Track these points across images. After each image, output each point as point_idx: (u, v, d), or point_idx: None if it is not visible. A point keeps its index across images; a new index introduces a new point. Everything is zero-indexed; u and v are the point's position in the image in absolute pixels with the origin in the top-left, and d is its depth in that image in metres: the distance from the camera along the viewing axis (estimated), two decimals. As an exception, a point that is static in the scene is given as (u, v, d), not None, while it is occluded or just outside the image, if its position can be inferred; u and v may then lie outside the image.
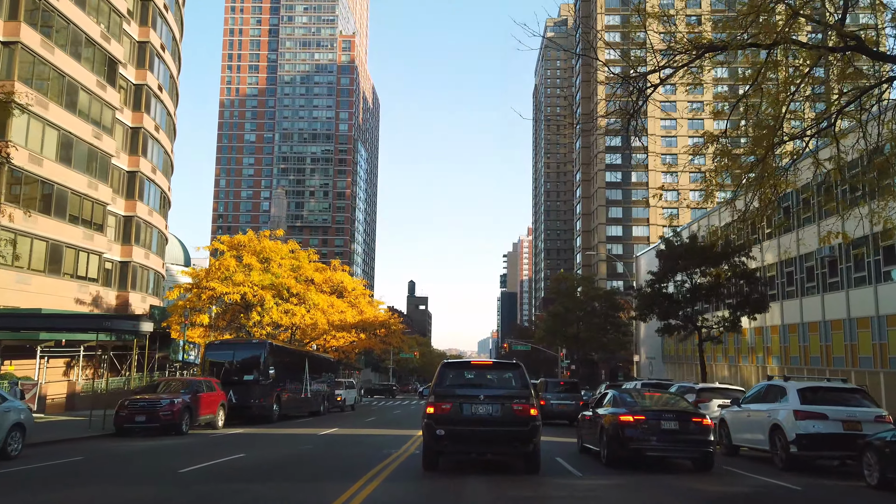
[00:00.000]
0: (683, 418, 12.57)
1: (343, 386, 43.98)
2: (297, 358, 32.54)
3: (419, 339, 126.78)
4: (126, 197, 41.54)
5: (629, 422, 12.49)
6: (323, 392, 37.06)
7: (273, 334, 36.66)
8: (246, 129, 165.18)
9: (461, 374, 12.09)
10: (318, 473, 12.14)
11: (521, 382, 11.60)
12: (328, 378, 39.09)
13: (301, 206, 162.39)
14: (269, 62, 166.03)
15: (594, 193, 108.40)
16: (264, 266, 34.57)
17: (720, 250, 26.91)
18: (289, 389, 30.68)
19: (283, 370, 30.28)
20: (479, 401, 11.02)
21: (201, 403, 22.42)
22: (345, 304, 41.54)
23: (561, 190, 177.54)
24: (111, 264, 40.23)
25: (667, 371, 57.58)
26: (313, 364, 35.72)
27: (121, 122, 40.69)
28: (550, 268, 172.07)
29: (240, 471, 12.41)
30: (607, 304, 56.24)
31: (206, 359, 27.74)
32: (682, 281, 28.29)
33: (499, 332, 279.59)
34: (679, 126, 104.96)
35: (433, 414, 11.07)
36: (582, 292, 56.64)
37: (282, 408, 29.23)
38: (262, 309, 33.83)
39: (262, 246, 34.74)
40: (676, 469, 13.13)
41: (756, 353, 39.76)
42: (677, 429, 12.43)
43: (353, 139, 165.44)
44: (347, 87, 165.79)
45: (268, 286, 33.87)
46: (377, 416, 35.74)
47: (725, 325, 27.78)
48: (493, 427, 10.93)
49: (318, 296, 36.32)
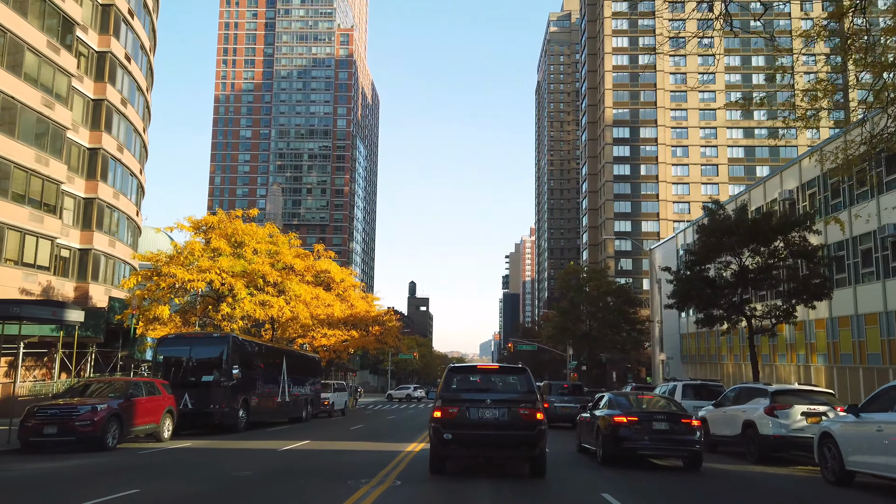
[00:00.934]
0: (674, 419, 13.28)
1: (331, 389, 39.51)
2: (271, 356, 28.04)
3: (419, 340, 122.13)
4: (87, 177, 37.05)
5: (623, 423, 13.25)
6: (306, 395, 32.58)
7: (247, 329, 32.14)
8: (242, 125, 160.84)
9: (467, 379, 12.07)
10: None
11: (527, 387, 11.60)
12: (313, 380, 34.64)
13: (298, 203, 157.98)
14: (265, 56, 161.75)
15: (601, 187, 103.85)
16: (236, 251, 30.06)
17: (776, 224, 22.09)
18: (261, 393, 26.18)
19: (253, 370, 25.78)
20: (485, 405, 11.08)
21: (137, 410, 17.91)
22: (332, 296, 36.98)
23: (564, 188, 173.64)
24: (68, 252, 35.75)
25: (686, 371, 52.98)
26: (293, 364, 31.23)
27: (80, 92, 36.25)
28: (554, 267, 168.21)
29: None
30: (621, 298, 51.63)
31: (158, 356, 23.24)
32: (726, 262, 23.58)
33: (501, 334, 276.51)
34: (690, 116, 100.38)
35: (440, 418, 11.06)
36: (593, 286, 52.01)
37: (251, 414, 24.72)
38: (234, 300, 29.30)
39: (234, 228, 30.21)
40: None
41: (796, 350, 35.15)
42: (668, 429, 13.17)
43: (352, 135, 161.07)
44: (346, 82, 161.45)
45: (239, 273, 29.34)
46: (367, 422, 31.23)
47: (778, 315, 23.14)
48: (499, 431, 11.01)
49: (299, 286, 31.76)
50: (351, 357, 59.94)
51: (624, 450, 13.20)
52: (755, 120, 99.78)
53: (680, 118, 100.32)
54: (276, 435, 22.27)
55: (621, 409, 13.95)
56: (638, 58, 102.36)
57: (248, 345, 25.65)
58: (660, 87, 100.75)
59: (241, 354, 24.12)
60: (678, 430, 13.12)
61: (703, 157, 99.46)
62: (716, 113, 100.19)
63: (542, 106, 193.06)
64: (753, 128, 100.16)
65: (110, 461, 14.35)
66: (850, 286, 29.55)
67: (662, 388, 22.75)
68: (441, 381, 12.01)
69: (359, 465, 13.67)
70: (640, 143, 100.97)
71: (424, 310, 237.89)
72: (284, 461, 14.48)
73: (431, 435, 11.34)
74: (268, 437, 21.00)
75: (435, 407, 11.34)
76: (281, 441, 19.72)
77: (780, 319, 22.99)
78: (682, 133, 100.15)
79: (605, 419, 13.75)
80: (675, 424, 13.18)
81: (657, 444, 13.16)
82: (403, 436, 21.79)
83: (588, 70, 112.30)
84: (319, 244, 34.69)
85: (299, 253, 32.64)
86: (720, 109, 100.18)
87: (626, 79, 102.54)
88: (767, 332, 23.94)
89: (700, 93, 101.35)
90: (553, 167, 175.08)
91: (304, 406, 32.25)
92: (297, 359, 32.43)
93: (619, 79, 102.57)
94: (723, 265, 23.76)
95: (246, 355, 24.79)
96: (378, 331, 50.75)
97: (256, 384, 25.70)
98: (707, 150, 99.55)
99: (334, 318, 36.64)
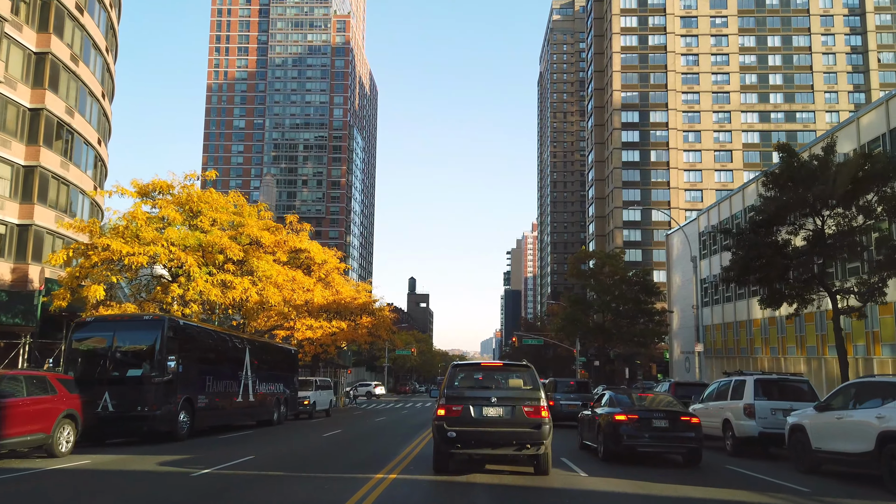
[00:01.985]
0: (673, 417, 13.56)
1: (312, 386, 34.56)
2: (229, 346, 23.04)
3: (417, 335, 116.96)
4: (27, 141, 32.02)
5: (623, 420, 13.55)
6: (278, 394, 27.63)
7: (207, 316, 27.13)
8: (235, 115, 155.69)
9: (471, 376, 11.99)
10: None
11: (531, 384, 11.55)
12: (289, 376, 29.67)
13: (293, 195, 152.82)
14: (259, 44, 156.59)
15: (609, 175, 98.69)
16: (190, 221, 25.00)
17: (880, 167, 16.64)
18: (213, 391, 21.21)
19: (203, 363, 20.80)
20: (489, 403, 11.09)
21: (10, 416, 12.93)
22: (311, 280, 31.93)
23: (568, 180, 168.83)
24: (4, 227, 30.74)
25: (710, 368, 47.94)
26: (262, 356, 26.25)
27: (18, 42, 31.21)
28: (557, 262, 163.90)
29: None
30: (638, 286, 46.57)
31: (73, 344, 18.20)
32: (799, 225, 18.32)
33: (503, 331, 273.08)
34: (702, 100, 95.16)
35: (444, 416, 11.03)
36: (608, 273, 46.89)
37: (198, 418, 19.74)
38: (187, 280, 24.27)
39: (189, 194, 25.16)
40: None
41: (854, 340, 30.05)
42: (667, 427, 13.45)
43: (349, 126, 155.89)
44: (342, 70, 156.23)
45: (193, 248, 24.30)
46: (348, 427, 26.27)
47: (863, 293, 18.01)
48: (503, 429, 10.96)
49: (270, 265, 26.72)
50: (341, 352, 54.93)
51: (624, 447, 13.45)
52: (771, 103, 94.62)
53: (692, 101, 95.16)
54: (220, 446, 17.27)
55: (622, 406, 14.21)
56: (648, 38, 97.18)
57: (195, 331, 20.63)
58: (671, 68, 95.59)
59: (184, 342, 19.10)
60: (677, 428, 13.41)
61: (717, 142, 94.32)
62: (730, 96, 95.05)
63: (544, 97, 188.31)
64: (770, 111, 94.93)
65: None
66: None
67: (714, 387, 17.75)
68: (444, 379, 11.95)
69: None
70: (650, 127, 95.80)
71: (424, 306, 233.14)
72: (182, 497, 9.48)
73: (435, 433, 11.22)
74: (206, 450, 16.01)
75: (438, 405, 11.31)
76: (220, 454, 14.76)
77: (871, 297, 17.81)
78: (694, 117, 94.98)
79: (605, 417, 14.05)
80: (675, 422, 13.47)
81: (656, 441, 13.43)
82: (386, 448, 16.79)
83: (595, 52, 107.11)
84: (293, 215, 29.50)
85: (269, 226, 27.51)
86: (735, 92, 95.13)
87: (634, 60, 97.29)
88: (854, 313, 18.74)
89: (713, 75, 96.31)
90: (556, 159, 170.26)
91: (276, 406, 27.30)
92: (266, 351, 27.44)
93: (628, 60, 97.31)
94: (795, 228, 18.55)
95: (190, 344, 19.78)
96: (369, 322, 45.86)
97: (206, 380, 20.72)
98: (721, 135, 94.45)
99: (314, 304, 31.60)
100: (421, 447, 16.47)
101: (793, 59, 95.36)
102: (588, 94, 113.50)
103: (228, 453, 15.25)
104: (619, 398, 14.86)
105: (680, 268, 54.21)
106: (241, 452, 15.38)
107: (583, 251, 59.21)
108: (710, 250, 47.28)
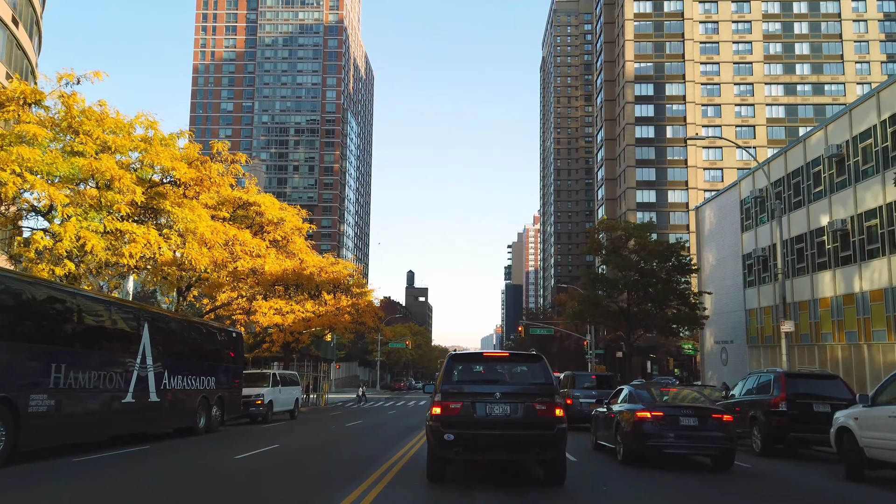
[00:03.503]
0: (703, 414, 12.38)
1: (268, 381, 27.01)
2: (102, 319, 15.36)
3: (414, 327, 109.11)
4: None
5: (647, 418, 12.28)
6: (206, 392, 20.08)
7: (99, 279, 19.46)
8: (223, 96, 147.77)
9: (471, 369, 10.42)
10: None
11: (543, 377, 9.91)
12: (225, 366, 22.09)
13: (284, 182, 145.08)
14: (248, 22, 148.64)
15: (621, 153, 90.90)
16: (66, 142, 17.38)
17: None
18: (68, 386, 13.59)
19: (45, 342, 13.20)
20: (494, 399, 9.47)
21: None
22: (262, 243, 24.24)
23: (573, 167, 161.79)
24: None
25: (751, 360, 40.38)
26: (172, 337, 18.72)
27: None
28: (561, 253, 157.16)
29: None
30: (670, 263, 38.90)
31: None
32: None
33: (503, 327, 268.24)
34: (723, 71, 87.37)
35: (440, 415, 9.41)
36: (634, 246, 39.15)
37: (24, 432, 12.13)
38: (62, 224, 16.63)
39: (67, 105, 17.52)
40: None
41: None
42: (696, 425, 12.23)
43: (343, 108, 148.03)
44: (336, 50, 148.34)
45: (66, 178, 16.70)
46: (297, 436, 18.75)
47: None
48: (511, 430, 9.35)
49: (194, 214, 19.08)
50: (322, 343, 47.33)
51: (648, 447, 12.14)
52: (798, 74, 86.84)
53: (711, 73, 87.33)
54: (30, 484, 9.71)
55: (643, 403, 12.87)
56: (663, 4, 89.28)
57: (23, 287, 12.93)
58: (688, 37, 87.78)
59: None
60: (708, 426, 12.16)
61: (738, 117, 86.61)
62: (752, 66, 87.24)
63: (547, 81, 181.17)
64: (796, 84, 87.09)
65: None
66: None
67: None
68: (440, 373, 10.27)
69: None
70: (666, 101, 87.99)
71: (423, 300, 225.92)
72: None
73: (429, 435, 9.64)
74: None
75: (433, 402, 9.69)
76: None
77: None
78: (713, 90, 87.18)
79: (626, 414, 12.79)
80: (705, 420, 12.24)
81: (684, 441, 12.06)
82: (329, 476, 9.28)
83: (605, 21, 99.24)
84: (221, 142, 21.69)
85: (190, 158, 19.72)
86: (758, 63, 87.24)
87: (649, 28, 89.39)
88: None
89: (734, 44, 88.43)
90: (560, 146, 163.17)
91: (203, 409, 19.74)
92: (184, 330, 19.81)
93: (642, 28, 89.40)
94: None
95: (14, 310, 12.18)
96: (349, 305, 38.29)
97: (53, 369, 13.08)
98: (742, 110, 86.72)
99: (266, 275, 23.90)
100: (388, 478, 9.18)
101: (820, 26, 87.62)
102: (597, 68, 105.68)
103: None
104: (640, 394, 13.62)
105: (714, 244, 46.56)
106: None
107: (604, 221, 51.37)
108: (756, 220, 39.63)
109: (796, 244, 36.44)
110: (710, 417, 12.26)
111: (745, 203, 41.45)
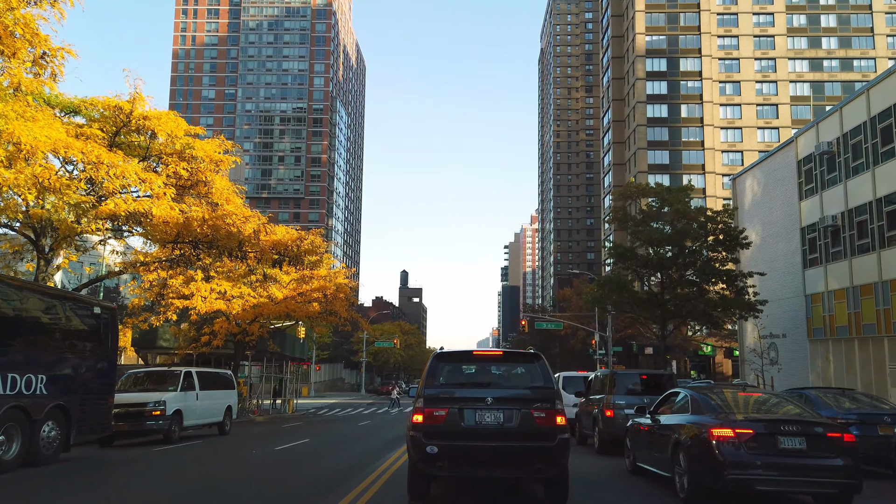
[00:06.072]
0: (812, 434, 8.47)
1: (176, 383, 19.08)
2: None
3: (405, 326, 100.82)
4: None
5: (727, 437, 8.40)
6: (26, 400, 12.05)
7: None
8: (204, 83, 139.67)
9: (460, 370, 9.01)
10: None
11: (542, 380, 8.45)
12: (77, 362, 14.11)
13: (269, 173, 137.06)
14: (231, 5, 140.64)
15: (630, 136, 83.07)
16: None
17: None
18: None
19: None
20: (485, 405, 8.03)
21: None
22: (159, 178, 16.22)
23: (573, 161, 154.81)
24: None
25: (814, 357, 32.49)
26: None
27: None
28: (561, 250, 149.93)
29: None
30: (717, 236, 31.00)
31: None
32: None
33: (500, 329, 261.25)
34: (742, 45, 79.77)
35: (422, 424, 7.99)
36: (670, 214, 31.20)
37: None
38: None
39: None
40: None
41: None
42: (804, 448, 8.37)
43: (331, 96, 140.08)
44: (324, 35, 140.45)
45: None
46: (172, 476, 10.78)
47: None
48: (505, 442, 7.92)
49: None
50: (285, 338, 39.32)
51: (730, 481, 8.26)
52: (824, 49, 79.35)
53: (730, 47, 79.73)
54: None
55: (713, 413, 9.15)
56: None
57: None
58: (704, 7, 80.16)
59: None
60: (820, 450, 8.35)
61: (760, 95, 78.95)
62: (775, 40, 79.66)
63: (546, 74, 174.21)
64: (822, 59, 79.49)
65: None
66: None
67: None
68: (423, 374, 8.59)
69: None
70: (680, 77, 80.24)
71: (417, 301, 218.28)
72: None
73: (410, 447, 8.21)
74: None
75: (415, 408, 8.20)
76: None
77: None
78: (732, 65, 79.55)
79: (691, 430, 9.08)
80: (817, 441, 8.39)
81: (786, 472, 8.27)
82: None
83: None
84: None
85: None
86: (780, 36, 79.61)
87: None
88: None
89: (755, 15, 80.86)
90: (560, 139, 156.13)
91: (20, 429, 11.76)
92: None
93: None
94: None
95: None
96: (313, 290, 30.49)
97: None
98: (764, 87, 79.06)
99: (154, 219, 15.86)
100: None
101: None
102: (603, 45, 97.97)
103: None
104: (706, 401, 9.55)
105: (759, 219, 38.71)
106: None
107: (632, 184, 43.39)
108: (821, 182, 31.81)
109: (856, 216, 29.01)
110: (824, 437, 8.56)
111: (803, 164, 33.58)
